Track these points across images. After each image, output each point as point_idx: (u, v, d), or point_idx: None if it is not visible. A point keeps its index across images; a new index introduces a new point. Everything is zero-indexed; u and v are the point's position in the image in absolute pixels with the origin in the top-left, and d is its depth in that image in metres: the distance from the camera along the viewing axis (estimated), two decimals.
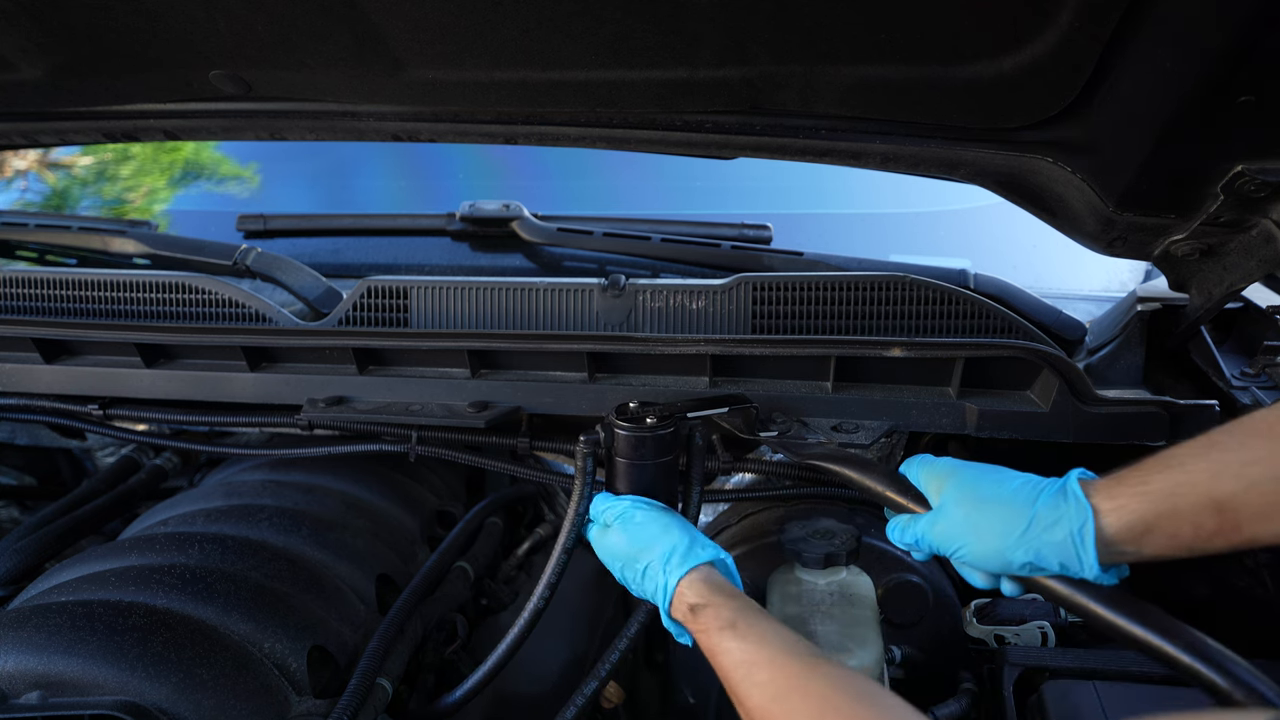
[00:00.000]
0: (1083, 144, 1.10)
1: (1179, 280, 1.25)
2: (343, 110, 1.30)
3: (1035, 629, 1.30)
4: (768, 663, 0.86)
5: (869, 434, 1.26)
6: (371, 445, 1.43)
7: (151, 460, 1.75)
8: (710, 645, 0.92)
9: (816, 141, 1.20)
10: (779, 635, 0.89)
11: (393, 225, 1.83)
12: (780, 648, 0.87)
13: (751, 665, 0.87)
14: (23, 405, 1.52)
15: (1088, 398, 1.23)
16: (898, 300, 1.28)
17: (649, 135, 1.24)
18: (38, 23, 1.14)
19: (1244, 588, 1.30)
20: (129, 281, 1.45)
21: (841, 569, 1.12)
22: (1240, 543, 0.82)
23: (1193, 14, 0.87)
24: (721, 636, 0.90)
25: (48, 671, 1.02)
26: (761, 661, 0.86)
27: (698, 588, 0.97)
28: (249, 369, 1.43)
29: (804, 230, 1.73)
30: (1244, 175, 1.01)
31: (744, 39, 1.02)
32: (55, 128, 1.45)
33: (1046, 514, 0.88)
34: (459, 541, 1.52)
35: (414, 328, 1.38)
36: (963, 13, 0.95)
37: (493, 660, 1.17)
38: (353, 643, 1.23)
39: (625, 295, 1.34)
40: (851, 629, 1.05)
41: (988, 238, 1.78)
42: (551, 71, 1.12)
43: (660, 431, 1.11)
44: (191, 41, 1.14)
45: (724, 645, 0.90)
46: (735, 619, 0.91)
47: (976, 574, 0.98)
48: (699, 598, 0.96)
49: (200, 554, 1.25)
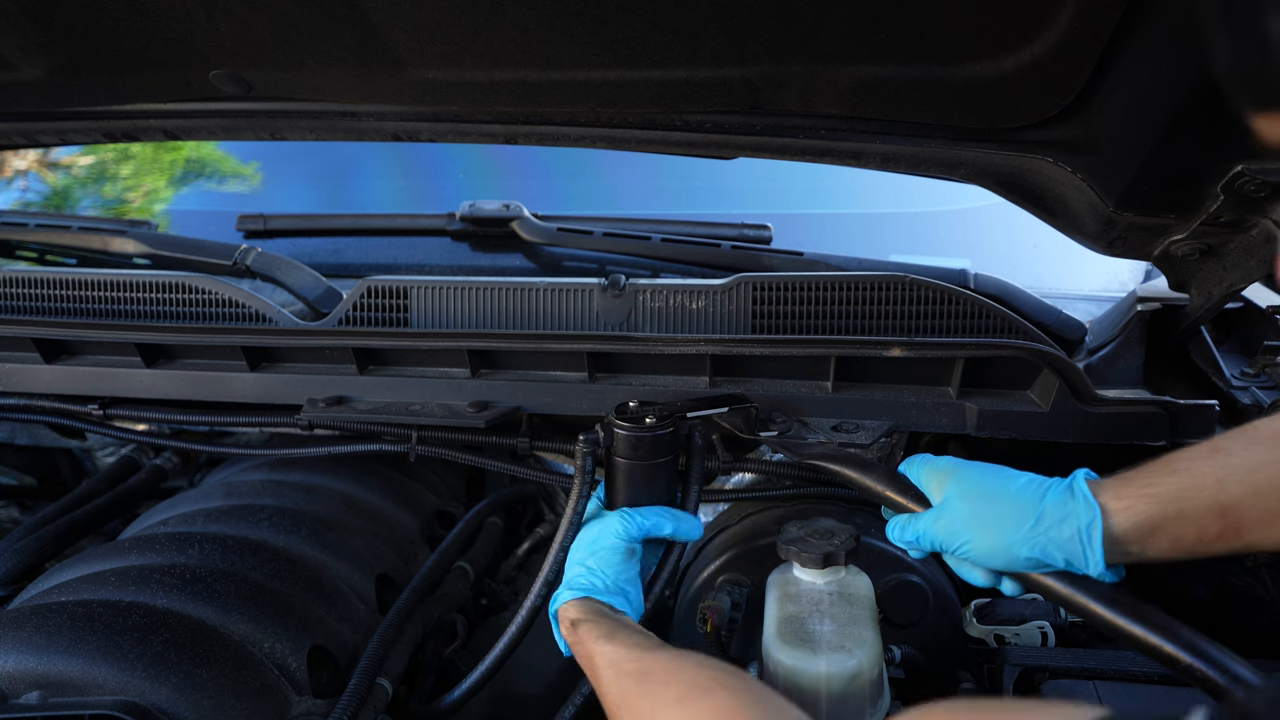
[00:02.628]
0: (1083, 144, 1.10)
1: (1179, 280, 1.25)
2: (343, 110, 1.30)
3: (1035, 629, 1.30)
4: (635, 657, 0.90)
5: (869, 434, 1.26)
6: (371, 445, 1.43)
7: (151, 460, 1.76)
8: (587, 653, 0.95)
9: (816, 141, 1.20)
10: (647, 639, 0.94)
11: (393, 225, 1.83)
12: (648, 646, 0.92)
13: (617, 662, 0.90)
14: (23, 405, 1.52)
15: (1088, 398, 1.23)
16: (898, 300, 1.28)
17: (649, 135, 1.24)
18: (38, 23, 1.14)
19: (1244, 588, 1.30)
20: (129, 281, 1.45)
21: (841, 568, 1.11)
22: (1241, 547, 0.83)
23: (1192, 14, 0.87)
24: (598, 644, 0.94)
25: (48, 671, 1.02)
26: (630, 657, 0.90)
27: (582, 607, 1.02)
28: (249, 369, 1.43)
29: (804, 230, 1.73)
30: (1244, 175, 1.01)
31: (744, 39, 1.02)
32: (55, 128, 1.45)
33: (1054, 511, 0.89)
34: (459, 541, 1.52)
35: (414, 328, 1.38)
36: (963, 13, 0.95)
37: (491, 659, 1.17)
38: (353, 643, 1.23)
39: (625, 295, 1.34)
40: (850, 629, 1.05)
41: (988, 238, 1.77)
42: (551, 71, 1.12)
43: (660, 431, 1.11)
44: (191, 41, 1.14)
45: (599, 648, 0.93)
46: (612, 631, 0.96)
47: (977, 571, 0.98)
48: (579, 614, 1.00)
49: (200, 554, 1.25)
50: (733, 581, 1.35)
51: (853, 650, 1.03)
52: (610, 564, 1.06)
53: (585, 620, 0.99)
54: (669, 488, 1.15)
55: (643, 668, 0.88)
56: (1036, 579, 0.92)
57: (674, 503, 1.16)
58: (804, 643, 1.04)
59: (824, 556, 1.10)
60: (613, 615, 1.01)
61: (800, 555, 1.11)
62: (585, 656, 0.96)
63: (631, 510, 1.10)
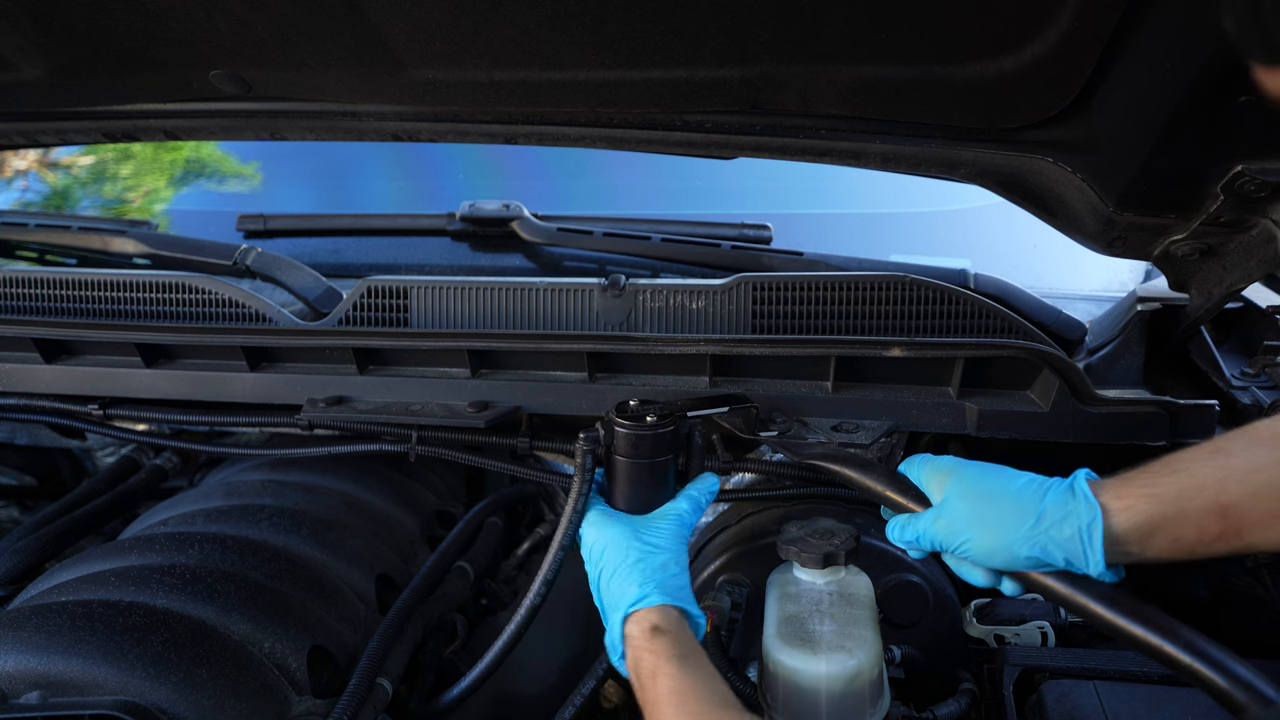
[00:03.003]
0: (1083, 144, 1.10)
1: (1179, 280, 1.25)
2: (343, 110, 1.30)
3: (1035, 629, 1.30)
4: (702, 698, 0.88)
5: (869, 434, 1.26)
6: (371, 445, 1.43)
7: (151, 460, 1.76)
8: (653, 666, 0.92)
9: (816, 141, 1.20)
10: (716, 683, 0.91)
11: (393, 225, 1.83)
12: (717, 692, 0.89)
13: (683, 694, 0.88)
14: (23, 405, 1.52)
15: (1088, 398, 1.23)
16: (898, 300, 1.28)
17: (649, 135, 1.24)
18: (38, 23, 1.14)
19: (1244, 588, 1.30)
20: (129, 281, 1.45)
21: (841, 568, 1.12)
22: (1240, 548, 0.83)
23: (1192, 13, 0.87)
24: (669, 663, 0.91)
25: (48, 671, 1.02)
26: (693, 695, 0.88)
27: (668, 616, 0.98)
28: (249, 369, 1.43)
29: (804, 230, 1.73)
30: (1244, 175, 1.01)
31: (744, 39, 1.02)
32: (55, 128, 1.45)
33: (1055, 510, 0.89)
34: (459, 541, 1.52)
35: (414, 328, 1.38)
36: (963, 13, 0.95)
37: (490, 657, 1.17)
38: (353, 643, 1.23)
39: (625, 295, 1.34)
40: (850, 629, 1.05)
41: (988, 238, 1.78)
42: (551, 71, 1.12)
43: (660, 430, 1.10)
44: (191, 41, 1.14)
45: (668, 670, 0.91)
46: (689, 654, 0.93)
47: (976, 571, 0.98)
48: (664, 623, 0.97)
49: (200, 554, 1.25)
50: (733, 581, 1.35)
51: (853, 650, 1.03)
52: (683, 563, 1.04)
53: (667, 633, 0.95)
54: (669, 486, 1.15)
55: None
56: (1036, 579, 0.92)
57: None
58: (804, 643, 1.04)
59: (824, 556, 1.10)
60: (691, 635, 0.98)
61: (800, 555, 1.11)
62: (649, 670, 0.92)
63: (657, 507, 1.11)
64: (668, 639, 0.94)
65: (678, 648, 0.93)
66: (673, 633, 0.95)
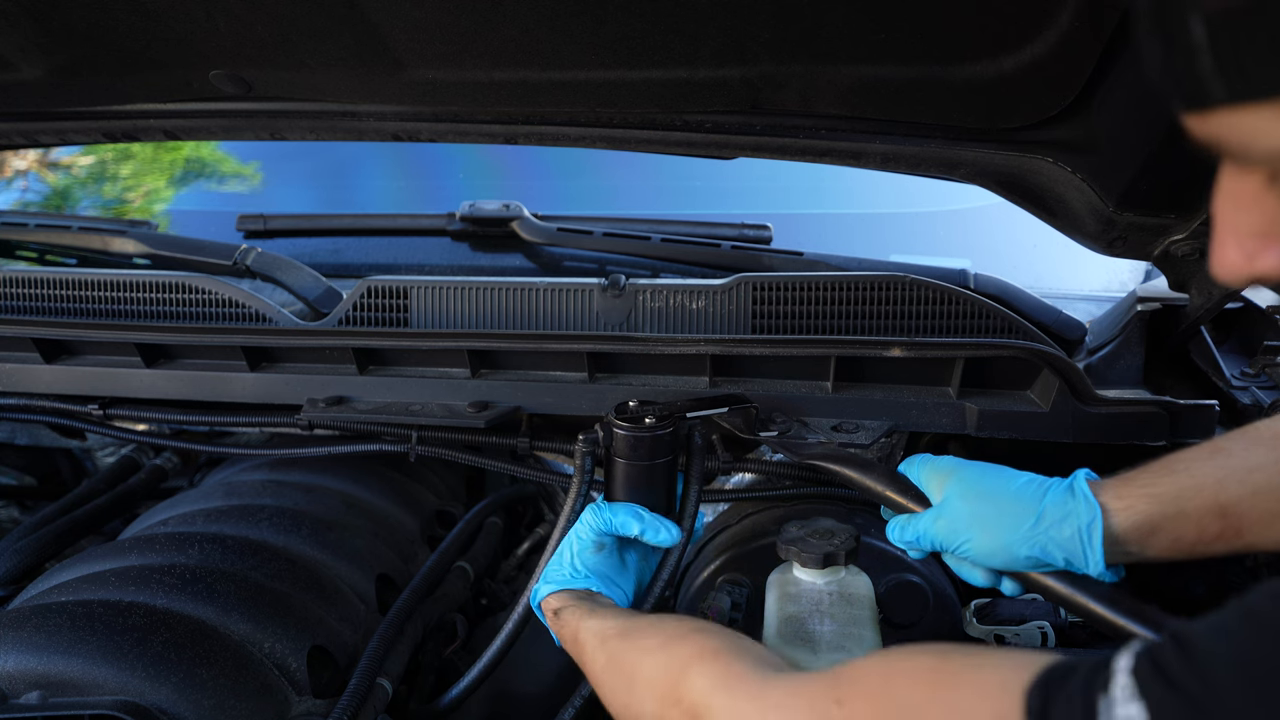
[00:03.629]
0: (1083, 144, 1.10)
1: (1179, 280, 1.25)
2: (343, 110, 1.30)
3: (1035, 629, 1.29)
4: (618, 623, 0.93)
5: (869, 434, 1.26)
6: (371, 445, 1.43)
7: (151, 460, 1.75)
8: (572, 634, 0.97)
9: (816, 141, 1.20)
10: (630, 612, 0.99)
11: (393, 225, 1.83)
12: (631, 614, 0.97)
13: (604, 628, 0.93)
14: (23, 405, 1.52)
15: (1088, 398, 1.23)
16: (898, 300, 1.28)
17: (649, 135, 1.24)
18: (38, 23, 1.14)
19: (1243, 587, 1.29)
20: (129, 281, 1.45)
21: (841, 568, 1.11)
22: (1240, 547, 0.83)
23: None
24: (582, 621, 0.97)
25: (48, 671, 1.02)
26: (613, 623, 0.94)
27: (561, 596, 1.03)
28: (249, 369, 1.43)
29: (804, 230, 1.72)
30: None
31: (744, 39, 1.02)
32: (55, 128, 1.45)
33: (1054, 510, 0.89)
34: (459, 541, 1.52)
35: (414, 328, 1.38)
36: (963, 13, 0.95)
37: (488, 656, 1.17)
38: (353, 643, 1.23)
39: (625, 295, 1.34)
40: (850, 629, 1.05)
41: (988, 238, 1.77)
42: (551, 71, 1.12)
43: (659, 431, 1.10)
44: (191, 41, 1.14)
45: (583, 624, 0.96)
46: (593, 609, 0.98)
47: (977, 571, 0.98)
48: (560, 602, 1.02)
49: (200, 554, 1.25)
50: (733, 581, 1.35)
51: (853, 650, 1.03)
52: (582, 556, 1.07)
53: (566, 606, 1.01)
54: (669, 488, 1.15)
55: (626, 627, 0.91)
56: (1036, 579, 0.92)
57: (673, 503, 1.16)
58: (804, 643, 1.04)
59: (824, 556, 1.10)
60: (591, 598, 1.02)
61: (800, 555, 1.11)
62: (571, 639, 0.98)
63: (604, 505, 1.10)
64: (572, 610, 1.00)
65: (585, 609, 0.99)
66: (574, 604, 1.01)
